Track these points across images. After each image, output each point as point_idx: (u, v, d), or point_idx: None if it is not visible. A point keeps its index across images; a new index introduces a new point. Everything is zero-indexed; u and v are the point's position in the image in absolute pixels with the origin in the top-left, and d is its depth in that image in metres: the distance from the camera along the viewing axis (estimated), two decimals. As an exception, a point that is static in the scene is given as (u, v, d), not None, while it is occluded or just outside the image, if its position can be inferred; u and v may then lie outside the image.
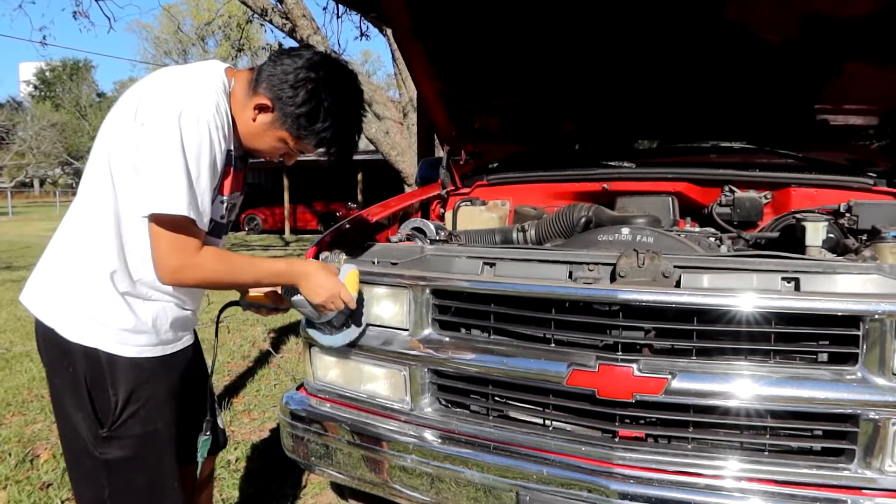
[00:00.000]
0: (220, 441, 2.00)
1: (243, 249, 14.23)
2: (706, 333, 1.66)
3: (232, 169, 1.69)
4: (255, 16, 9.63)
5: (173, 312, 1.68)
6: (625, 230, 2.17)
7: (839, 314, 1.55)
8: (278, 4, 8.12)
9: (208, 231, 1.60)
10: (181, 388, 1.73)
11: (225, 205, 1.71)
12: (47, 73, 51.83)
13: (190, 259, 1.53)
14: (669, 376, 1.63)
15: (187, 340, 1.77)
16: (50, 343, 1.59)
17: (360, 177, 20.70)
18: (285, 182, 20.77)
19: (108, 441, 1.58)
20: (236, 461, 3.25)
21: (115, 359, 1.56)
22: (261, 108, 1.64)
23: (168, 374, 1.67)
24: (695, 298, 1.63)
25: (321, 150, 1.71)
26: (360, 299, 1.97)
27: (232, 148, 1.66)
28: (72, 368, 1.55)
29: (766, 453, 1.66)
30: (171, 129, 1.47)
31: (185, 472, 1.82)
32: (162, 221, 1.49)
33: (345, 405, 2.16)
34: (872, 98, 2.53)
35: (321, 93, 1.62)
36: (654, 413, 1.71)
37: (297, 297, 1.87)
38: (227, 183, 1.68)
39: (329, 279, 1.82)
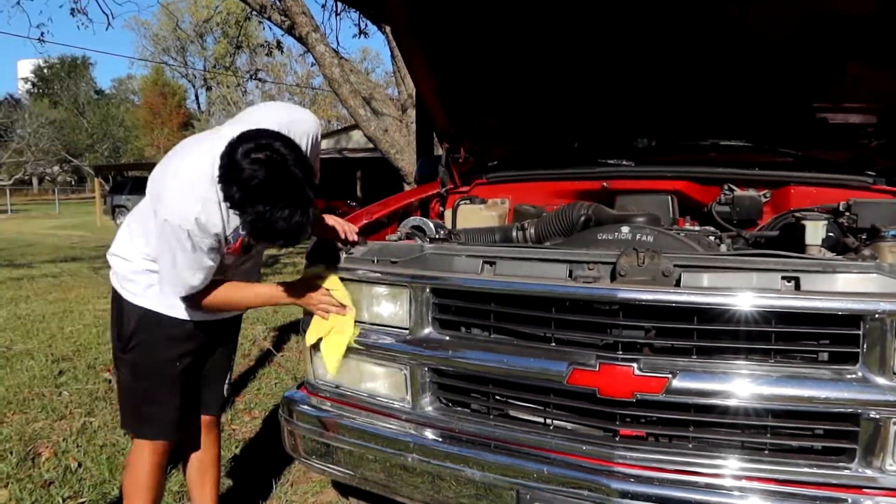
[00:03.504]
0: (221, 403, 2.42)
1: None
2: (706, 332, 1.67)
3: (238, 241, 1.99)
4: (254, 13, 9.59)
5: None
6: (624, 229, 2.17)
7: (839, 313, 1.56)
8: (277, 1, 8.10)
9: (230, 260, 2.06)
10: (192, 346, 2.15)
11: (238, 255, 2.08)
12: (45, 71, 51.68)
13: (199, 303, 2.04)
14: (670, 375, 1.63)
15: (202, 317, 2.12)
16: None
17: (359, 175, 20.68)
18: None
19: (121, 360, 2.16)
20: (237, 459, 3.25)
21: (131, 306, 2.08)
22: None
23: (172, 329, 2.08)
24: (695, 297, 1.63)
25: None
26: None
27: (231, 229, 1.92)
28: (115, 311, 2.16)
29: (767, 452, 1.67)
30: (160, 231, 1.86)
31: (192, 420, 2.30)
32: None
33: (346, 404, 2.16)
34: (872, 96, 2.53)
35: (246, 202, 1.72)
36: (655, 412, 1.72)
37: None
38: (235, 247, 2.01)
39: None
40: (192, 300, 2.02)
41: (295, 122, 1.99)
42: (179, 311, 2.08)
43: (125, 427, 2.31)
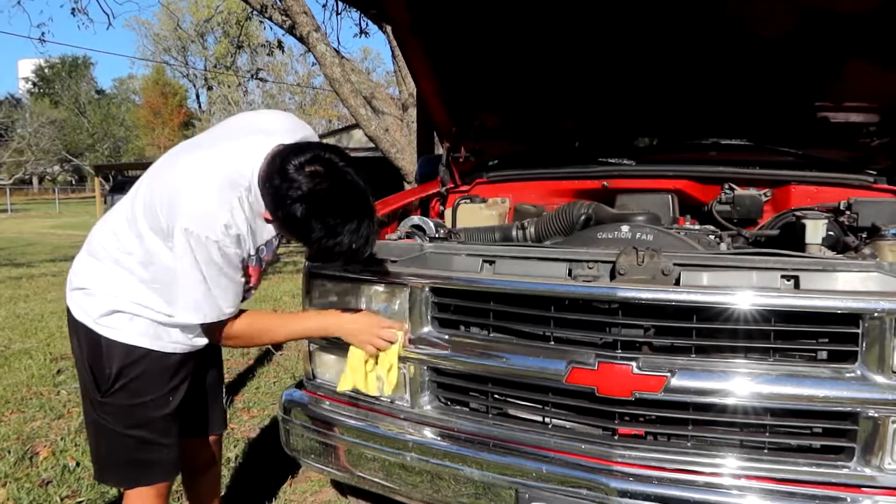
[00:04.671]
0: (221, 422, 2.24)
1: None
2: (705, 331, 1.66)
3: (259, 268, 1.86)
4: (255, 12, 9.61)
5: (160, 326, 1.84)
6: (624, 228, 2.16)
7: (838, 312, 1.55)
8: (278, 1, 8.11)
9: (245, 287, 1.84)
10: (184, 375, 1.93)
11: (254, 284, 1.91)
12: (46, 71, 51.69)
13: (221, 337, 1.85)
14: (669, 374, 1.63)
15: (182, 348, 1.88)
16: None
17: (359, 174, 20.70)
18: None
19: (101, 405, 1.86)
20: (236, 458, 3.25)
21: (112, 343, 1.82)
22: (267, 220, 1.76)
23: (160, 363, 1.85)
24: (694, 296, 1.63)
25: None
26: None
27: (257, 245, 1.79)
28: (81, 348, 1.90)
29: (766, 451, 1.66)
30: (183, 247, 1.65)
31: (194, 443, 2.14)
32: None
33: (344, 403, 2.16)
34: (873, 95, 2.53)
35: (311, 218, 1.62)
36: (654, 411, 1.71)
37: None
38: (253, 274, 1.85)
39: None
40: (215, 333, 1.82)
41: (310, 137, 1.83)
42: (167, 344, 1.85)
43: (109, 480, 2.05)
